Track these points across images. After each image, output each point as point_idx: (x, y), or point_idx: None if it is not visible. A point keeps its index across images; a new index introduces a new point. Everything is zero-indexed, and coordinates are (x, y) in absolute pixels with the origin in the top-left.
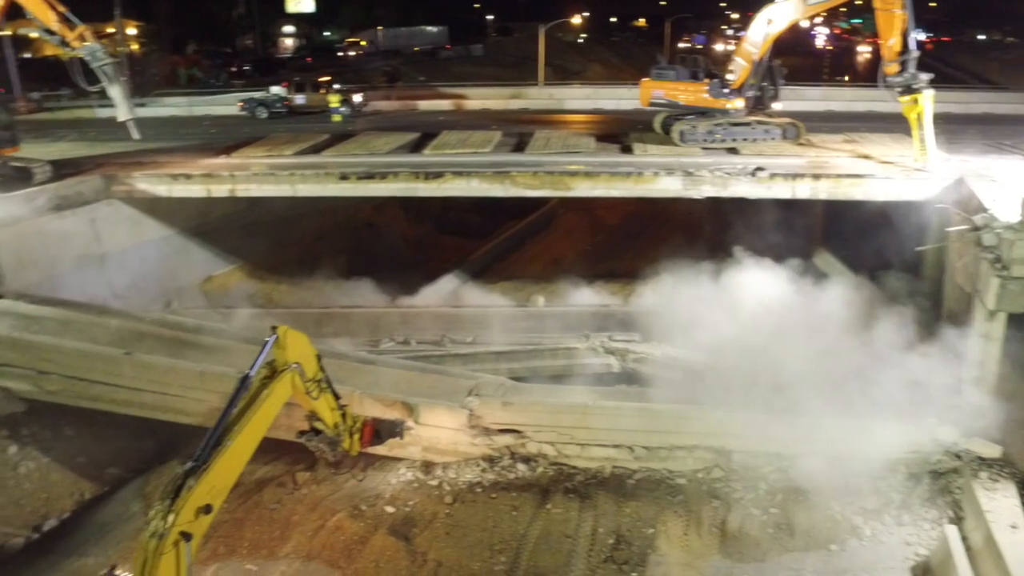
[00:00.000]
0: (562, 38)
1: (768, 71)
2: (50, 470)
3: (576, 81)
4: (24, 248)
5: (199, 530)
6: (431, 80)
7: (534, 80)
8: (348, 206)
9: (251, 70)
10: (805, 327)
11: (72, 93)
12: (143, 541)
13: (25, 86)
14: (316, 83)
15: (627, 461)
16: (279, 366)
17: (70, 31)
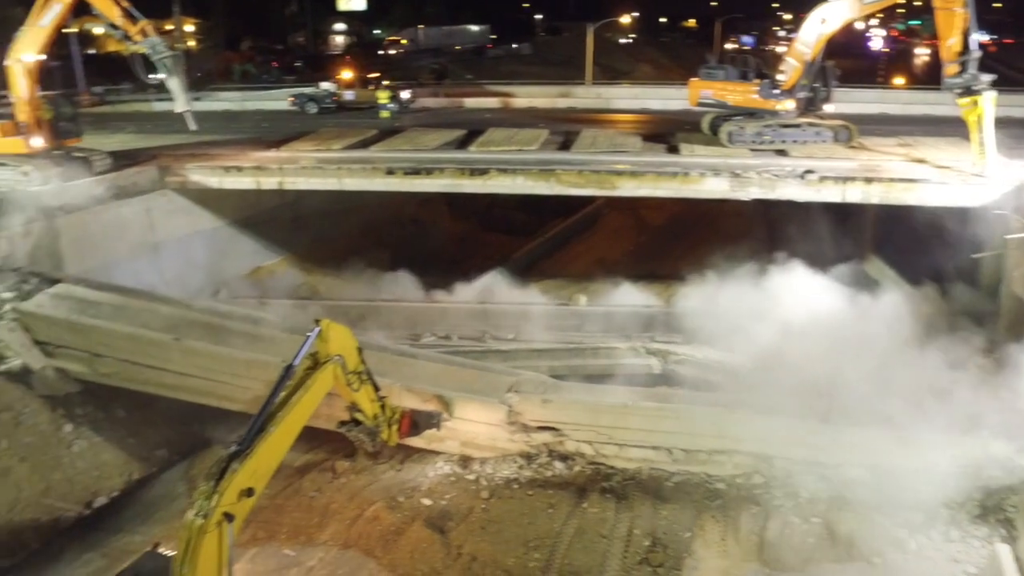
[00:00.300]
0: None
1: (821, 72)
2: (102, 450)
3: (624, 81)
4: (83, 235)
5: (241, 512)
6: (478, 78)
7: (581, 79)
8: (394, 202)
9: (302, 66)
10: (853, 334)
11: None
12: (187, 520)
13: (88, 81)
14: (365, 80)
15: (665, 463)
16: (322, 358)
17: (132, 26)
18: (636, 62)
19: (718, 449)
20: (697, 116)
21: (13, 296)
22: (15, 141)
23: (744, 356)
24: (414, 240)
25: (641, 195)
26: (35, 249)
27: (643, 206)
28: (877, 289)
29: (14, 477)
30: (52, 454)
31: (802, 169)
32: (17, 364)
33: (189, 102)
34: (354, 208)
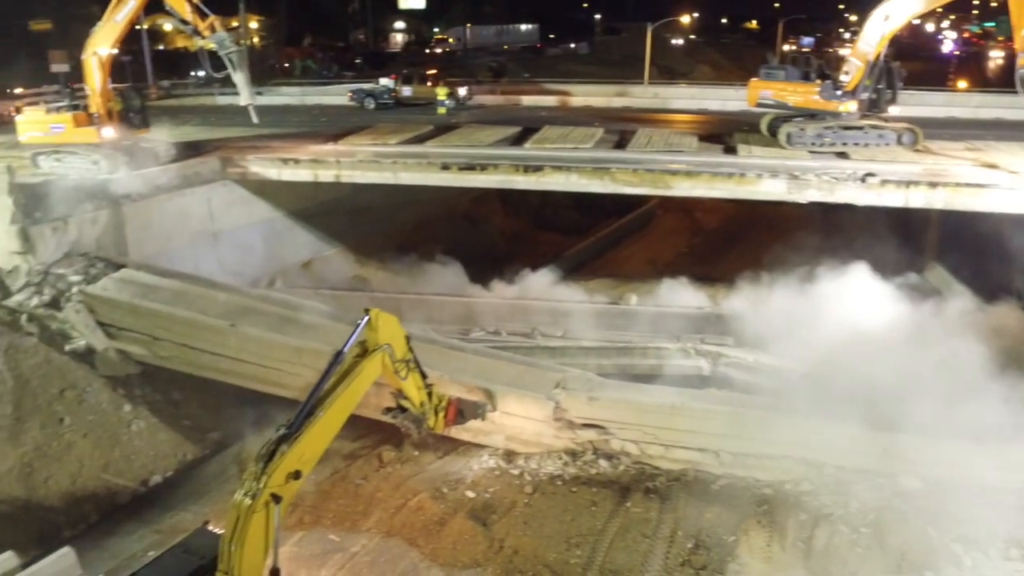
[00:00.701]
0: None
1: (886, 73)
2: (158, 430)
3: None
4: (147, 223)
5: (288, 494)
6: (535, 77)
7: (639, 80)
8: (448, 197)
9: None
10: (911, 342)
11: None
12: (237, 500)
13: (156, 75)
14: (424, 76)
15: (712, 466)
16: (370, 346)
17: (202, 21)
18: (695, 63)
19: (767, 454)
20: (756, 117)
21: (80, 279)
22: (88, 131)
23: (796, 361)
24: (466, 236)
25: (696, 195)
26: (102, 235)
27: (698, 208)
28: (938, 298)
29: (76, 452)
30: (112, 432)
31: (863, 172)
32: (82, 344)
33: (253, 96)
34: (408, 203)
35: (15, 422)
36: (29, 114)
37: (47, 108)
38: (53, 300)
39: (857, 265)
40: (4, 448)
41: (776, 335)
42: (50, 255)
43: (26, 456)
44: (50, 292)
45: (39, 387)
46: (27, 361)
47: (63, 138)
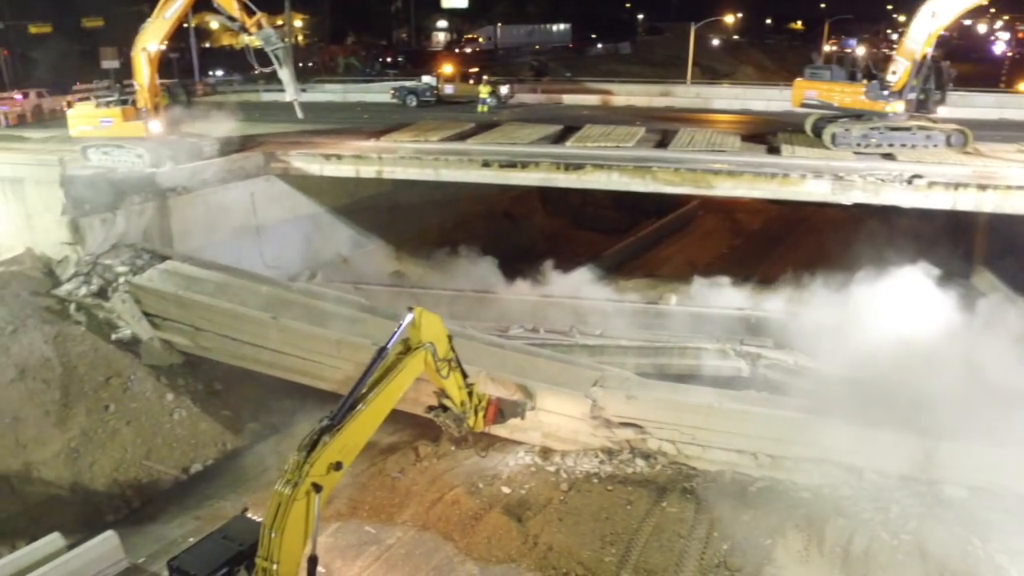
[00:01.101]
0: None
1: (935, 72)
2: (199, 419)
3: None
4: (192, 215)
5: (329, 484)
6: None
7: (681, 79)
8: (488, 195)
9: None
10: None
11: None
12: (278, 488)
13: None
14: (465, 74)
15: (749, 468)
16: (413, 344)
17: (249, 18)
18: (739, 64)
19: (806, 457)
20: (801, 118)
21: (127, 270)
22: (136, 125)
23: (837, 365)
24: (506, 234)
25: (738, 195)
26: (148, 227)
27: (739, 209)
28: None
29: (120, 439)
30: (155, 420)
31: (909, 174)
32: (128, 334)
33: (298, 92)
34: (448, 201)
35: (62, 408)
36: (79, 108)
37: (96, 103)
38: (101, 290)
39: (901, 269)
40: (52, 433)
41: (816, 338)
42: (98, 246)
43: (73, 441)
44: (98, 282)
45: (86, 374)
46: (75, 349)
47: (112, 132)
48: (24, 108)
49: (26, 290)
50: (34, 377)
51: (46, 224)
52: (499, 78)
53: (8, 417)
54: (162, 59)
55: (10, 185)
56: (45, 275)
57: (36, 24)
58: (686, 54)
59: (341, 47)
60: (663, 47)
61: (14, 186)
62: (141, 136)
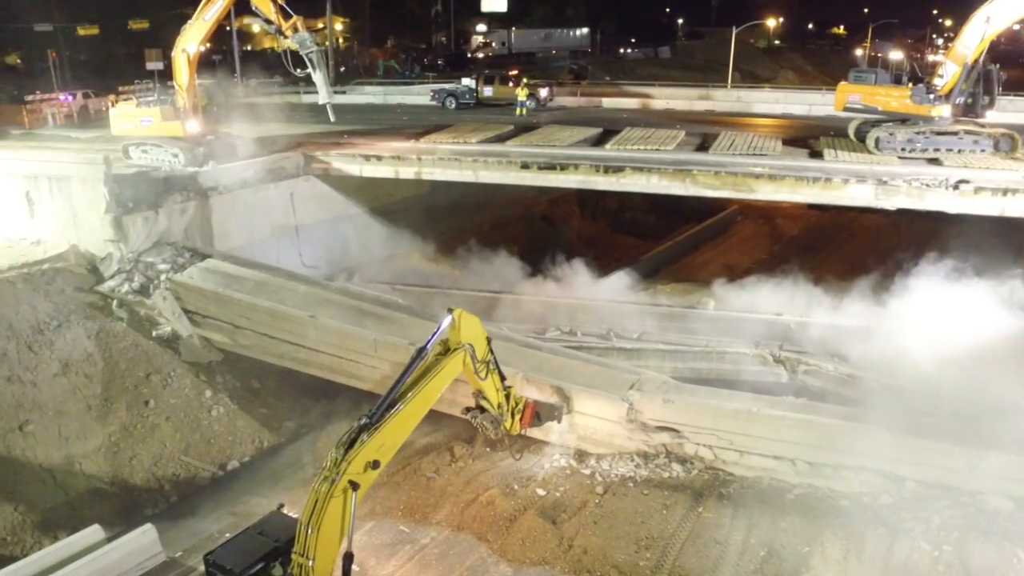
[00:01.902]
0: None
1: (984, 76)
2: (237, 416)
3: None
4: (232, 214)
5: (366, 482)
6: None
7: (721, 84)
8: (526, 198)
9: (443, 64)
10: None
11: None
12: (316, 484)
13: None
14: (505, 77)
15: (787, 474)
16: (452, 345)
17: (285, 21)
18: (779, 68)
19: (845, 464)
20: (843, 123)
21: (168, 268)
22: (174, 125)
23: (878, 372)
24: (544, 237)
25: (779, 199)
26: (189, 225)
27: (778, 215)
28: None
29: (159, 434)
30: (193, 416)
31: (956, 179)
32: (168, 331)
33: (331, 94)
34: (485, 203)
35: (104, 402)
36: (121, 108)
37: (137, 102)
38: (142, 287)
39: (945, 276)
40: (93, 426)
41: (857, 345)
42: (141, 243)
43: (113, 436)
44: (140, 279)
45: (127, 370)
46: (117, 345)
47: (151, 131)
48: (71, 108)
49: (70, 286)
50: (77, 372)
51: (91, 222)
52: (538, 81)
53: (52, 411)
54: (203, 60)
55: (57, 183)
56: (89, 272)
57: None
58: (726, 58)
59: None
60: (703, 51)
61: (60, 184)
62: (179, 136)
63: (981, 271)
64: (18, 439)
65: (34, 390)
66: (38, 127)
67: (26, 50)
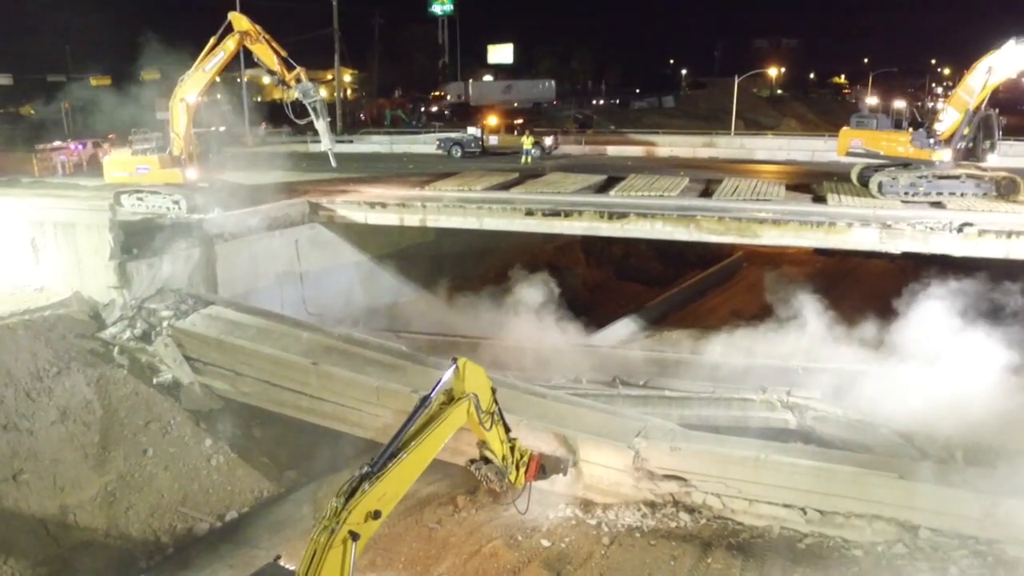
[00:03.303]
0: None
1: (984, 121)
2: (236, 466)
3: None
4: (237, 261)
5: (366, 533)
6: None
7: (725, 131)
8: (531, 245)
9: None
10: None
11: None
12: (315, 534)
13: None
14: (510, 126)
15: (798, 523)
16: (456, 394)
17: (288, 72)
18: (782, 117)
19: (857, 512)
20: (846, 168)
21: (171, 314)
22: (173, 172)
23: (888, 417)
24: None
25: (783, 244)
26: (194, 272)
27: (784, 261)
28: None
29: (157, 484)
30: (192, 465)
31: (960, 222)
32: (169, 378)
33: (333, 141)
34: (491, 251)
35: (101, 451)
36: (115, 156)
37: (133, 150)
38: (144, 334)
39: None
40: (90, 476)
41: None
42: (144, 290)
43: (110, 485)
44: (142, 326)
45: (126, 418)
46: (116, 392)
47: (149, 179)
48: (81, 157)
49: (72, 333)
50: (75, 420)
51: (95, 268)
52: (543, 129)
53: (47, 459)
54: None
55: (63, 230)
56: (91, 318)
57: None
58: (729, 107)
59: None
60: (706, 101)
61: (66, 231)
62: (179, 183)
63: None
64: (11, 489)
65: (30, 438)
66: (47, 175)
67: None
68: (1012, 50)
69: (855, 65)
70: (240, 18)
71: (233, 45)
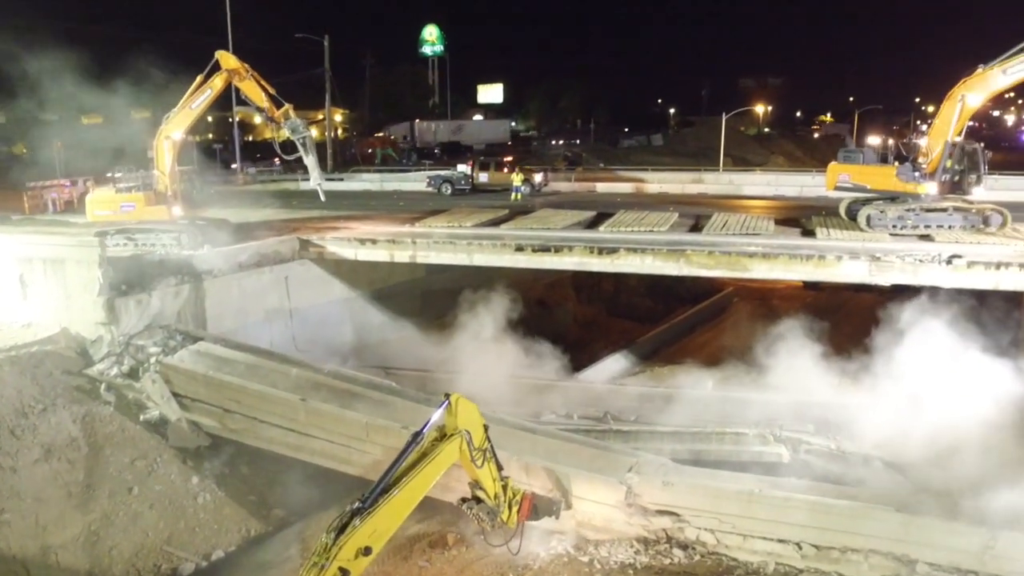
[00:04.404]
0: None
1: (970, 155)
2: (224, 504)
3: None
4: (226, 298)
5: (357, 569)
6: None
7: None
8: (521, 282)
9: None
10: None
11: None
12: (304, 570)
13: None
14: (500, 163)
15: (793, 559)
16: (449, 430)
17: (276, 109)
18: (769, 154)
19: (853, 547)
20: (834, 203)
21: (159, 351)
22: (158, 209)
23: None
24: (540, 321)
25: (773, 278)
26: (183, 308)
27: (774, 296)
28: None
29: (142, 523)
30: (178, 504)
31: (948, 254)
32: (156, 415)
33: (322, 176)
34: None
35: (85, 489)
36: (98, 194)
37: (116, 188)
38: (132, 370)
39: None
40: (72, 515)
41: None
42: (132, 326)
43: (93, 524)
44: (129, 362)
45: (112, 455)
46: (102, 429)
47: (133, 216)
48: (72, 195)
49: (59, 369)
50: (59, 457)
51: (83, 304)
52: (533, 167)
53: (30, 498)
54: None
55: (51, 266)
56: (78, 355)
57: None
58: (718, 145)
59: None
60: (695, 139)
61: (55, 267)
62: (163, 219)
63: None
64: None
65: (13, 476)
66: (38, 213)
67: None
68: (980, 77)
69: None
70: (228, 56)
71: (220, 83)
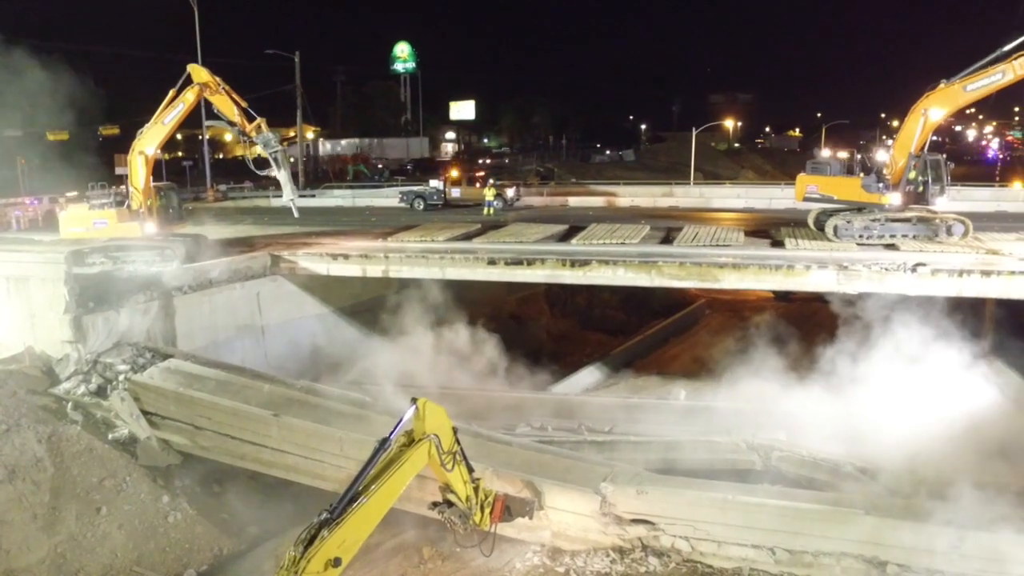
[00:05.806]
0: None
1: (932, 166)
2: (195, 523)
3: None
4: (197, 314)
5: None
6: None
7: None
8: (494, 297)
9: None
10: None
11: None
12: None
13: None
14: (472, 178)
15: (767, 564)
16: (417, 435)
17: (248, 123)
18: (740, 168)
19: (825, 551)
20: (802, 214)
21: (128, 368)
22: (131, 225)
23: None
24: (514, 336)
25: (744, 288)
26: (152, 325)
27: (745, 307)
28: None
29: (111, 543)
30: (149, 523)
31: (913, 262)
32: (125, 433)
33: (295, 193)
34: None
35: (51, 511)
36: (72, 211)
37: (90, 205)
38: (100, 388)
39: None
40: (38, 537)
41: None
42: (100, 344)
43: (59, 546)
44: (97, 380)
45: (79, 475)
46: (69, 449)
47: (106, 233)
48: (36, 213)
49: (23, 389)
50: (24, 479)
51: (49, 322)
52: (505, 181)
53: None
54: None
55: (15, 284)
56: (44, 373)
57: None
58: (688, 160)
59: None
60: (666, 154)
61: (19, 284)
62: (137, 236)
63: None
64: None
65: None
66: (1, 231)
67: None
68: (943, 92)
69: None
70: (199, 70)
71: (192, 97)
